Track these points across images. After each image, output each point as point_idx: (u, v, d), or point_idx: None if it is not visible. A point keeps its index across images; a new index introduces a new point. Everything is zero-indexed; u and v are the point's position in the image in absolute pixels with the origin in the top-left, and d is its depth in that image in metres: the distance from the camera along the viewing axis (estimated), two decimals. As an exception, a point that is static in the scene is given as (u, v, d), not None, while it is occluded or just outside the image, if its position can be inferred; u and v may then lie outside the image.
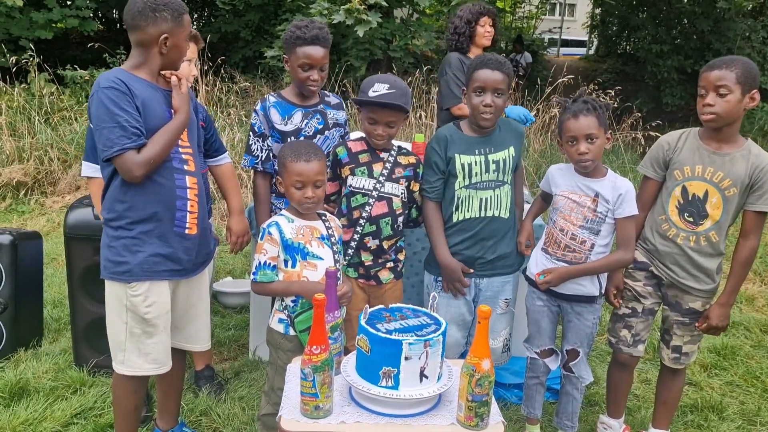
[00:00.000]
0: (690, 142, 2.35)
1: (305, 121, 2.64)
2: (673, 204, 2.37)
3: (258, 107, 2.66)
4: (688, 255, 2.35)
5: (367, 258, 2.51)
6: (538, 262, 2.48)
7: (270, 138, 2.66)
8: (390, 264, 2.56)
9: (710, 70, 2.23)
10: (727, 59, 2.23)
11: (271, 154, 2.68)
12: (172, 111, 2.13)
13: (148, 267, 2.11)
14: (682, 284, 2.38)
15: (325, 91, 2.81)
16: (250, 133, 2.69)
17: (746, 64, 2.20)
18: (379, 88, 2.37)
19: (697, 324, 2.41)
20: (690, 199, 2.33)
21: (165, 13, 2.02)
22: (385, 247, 2.51)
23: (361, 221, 2.47)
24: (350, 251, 2.49)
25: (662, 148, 2.41)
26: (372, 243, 2.49)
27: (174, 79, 2.17)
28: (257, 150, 2.67)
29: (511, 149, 2.48)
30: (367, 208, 2.46)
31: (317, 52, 2.53)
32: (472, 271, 2.49)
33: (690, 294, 2.39)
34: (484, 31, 3.61)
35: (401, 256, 2.61)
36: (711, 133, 2.30)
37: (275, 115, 2.64)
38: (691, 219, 2.34)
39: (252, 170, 2.73)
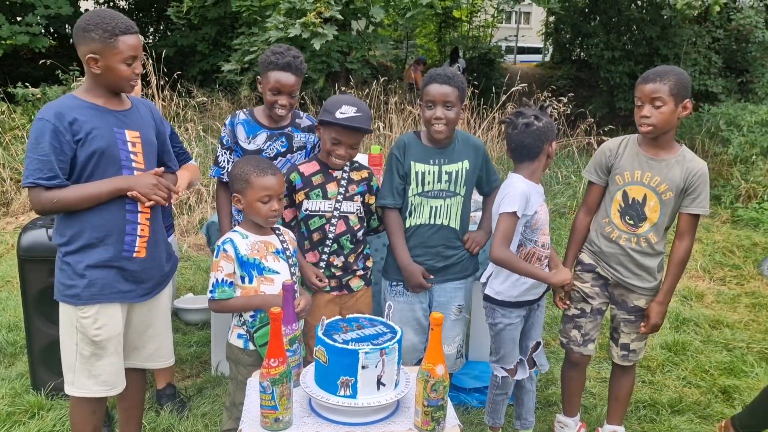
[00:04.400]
0: (630, 148, 2.46)
1: (268, 143, 2.65)
2: (615, 208, 2.47)
3: (227, 121, 2.70)
4: (630, 255, 2.45)
5: (336, 270, 2.56)
6: (527, 283, 2.43)
7: (234, 152, 2.69)
8: (360, 272, 2.62)
9: (645, 83, 2.31)
10: (661, 71, 2.31)
11: None
12: (124, 132, 2.10)
13: (96, 291, 2.11)
14: (626, 283, 2.49)
15: (300, 112, 2.77)
16: (219, 146, 2.72)
17: (678, 76, 2.29)
18: (347, 111, 2.39)
19: (641, 328, 2.51)
20: (630, 202, 2.44)
21: (94, 34, 1.99)
22: (351, 260, 2.57)
23: (328, 242, 2.52)
24: (321, 270, 2.54)
25: (604, 155, 2.51)
26: (338, 261, 2.55)
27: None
28: (224, 162, 2.70)
29: (466, 162, 2.55)
30: (332, 228, 2.51)
31: (287, 78, 2.52)
32: (432, 277, 2.56)
33: (634, 292, 2.49)
34: None
35: (369, 263, 2.67)
36: (648, 141, 2.41)
37: (241, 133, 2.66)
38: (631, 222, 2.45)
39: (217, 180, 2.75)
